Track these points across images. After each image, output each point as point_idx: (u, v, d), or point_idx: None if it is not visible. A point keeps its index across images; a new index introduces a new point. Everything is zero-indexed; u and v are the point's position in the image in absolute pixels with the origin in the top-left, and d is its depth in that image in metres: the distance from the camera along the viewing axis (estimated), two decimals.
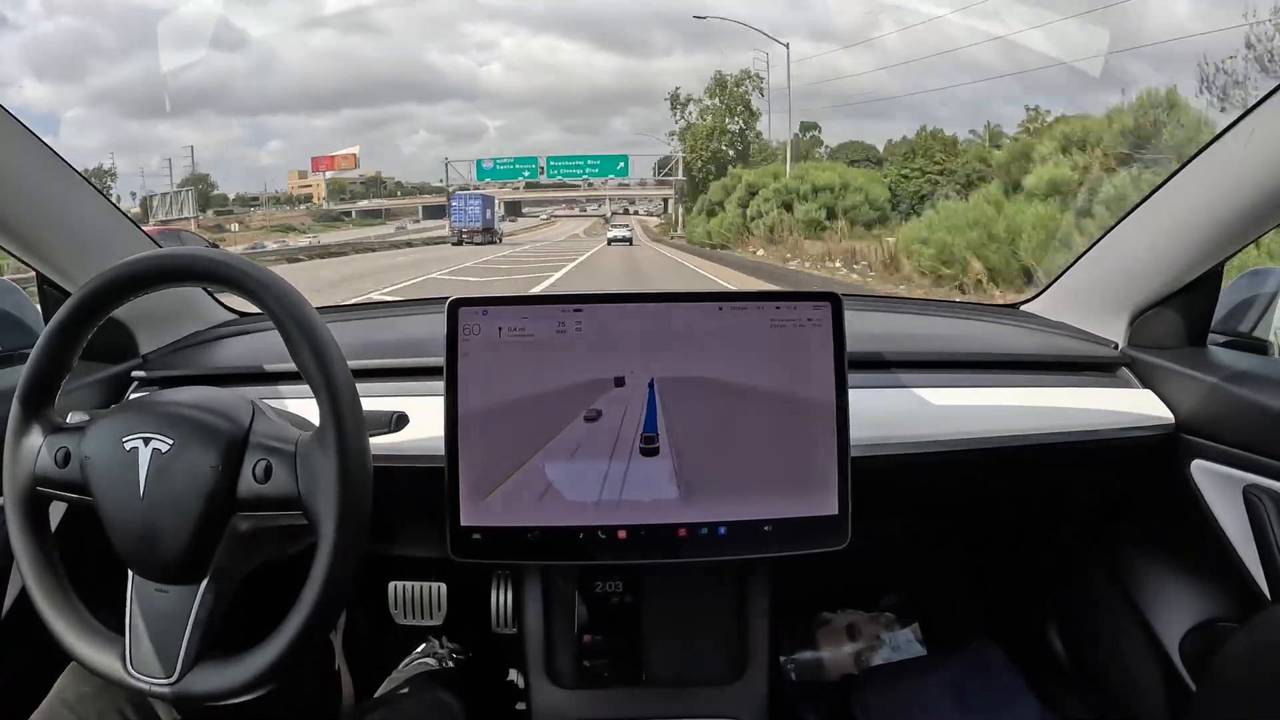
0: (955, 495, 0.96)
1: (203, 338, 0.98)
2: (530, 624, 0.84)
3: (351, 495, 0.55)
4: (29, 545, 0.59)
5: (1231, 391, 0.76)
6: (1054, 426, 0.82)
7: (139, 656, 0.56)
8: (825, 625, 1.20)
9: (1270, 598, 0.72)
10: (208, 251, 0.59)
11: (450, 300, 0.69)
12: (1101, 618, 0.97)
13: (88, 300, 0.59)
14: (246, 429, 0.58)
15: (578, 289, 0.82)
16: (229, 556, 0.58)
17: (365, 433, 0.58)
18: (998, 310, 1.12)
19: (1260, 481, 0.72)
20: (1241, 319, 0.92)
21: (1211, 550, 0.78)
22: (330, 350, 0.57)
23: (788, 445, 0.70)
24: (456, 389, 0.68)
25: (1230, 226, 0.76)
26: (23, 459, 0.59)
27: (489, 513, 0.69)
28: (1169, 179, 0.82)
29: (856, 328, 0.73)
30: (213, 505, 0.56)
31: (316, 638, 0.56)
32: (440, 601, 1.11)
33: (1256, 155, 0.71)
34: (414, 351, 0.84)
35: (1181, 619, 0.85)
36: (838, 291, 0.72)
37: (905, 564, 1.25)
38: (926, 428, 0.81)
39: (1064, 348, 0.94)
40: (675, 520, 0.69)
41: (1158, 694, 0.86)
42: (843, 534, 0.70)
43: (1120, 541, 0.96)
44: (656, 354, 0.69)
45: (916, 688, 1.00)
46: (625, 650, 0.82)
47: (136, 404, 0.61)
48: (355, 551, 0.56)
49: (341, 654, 1.11)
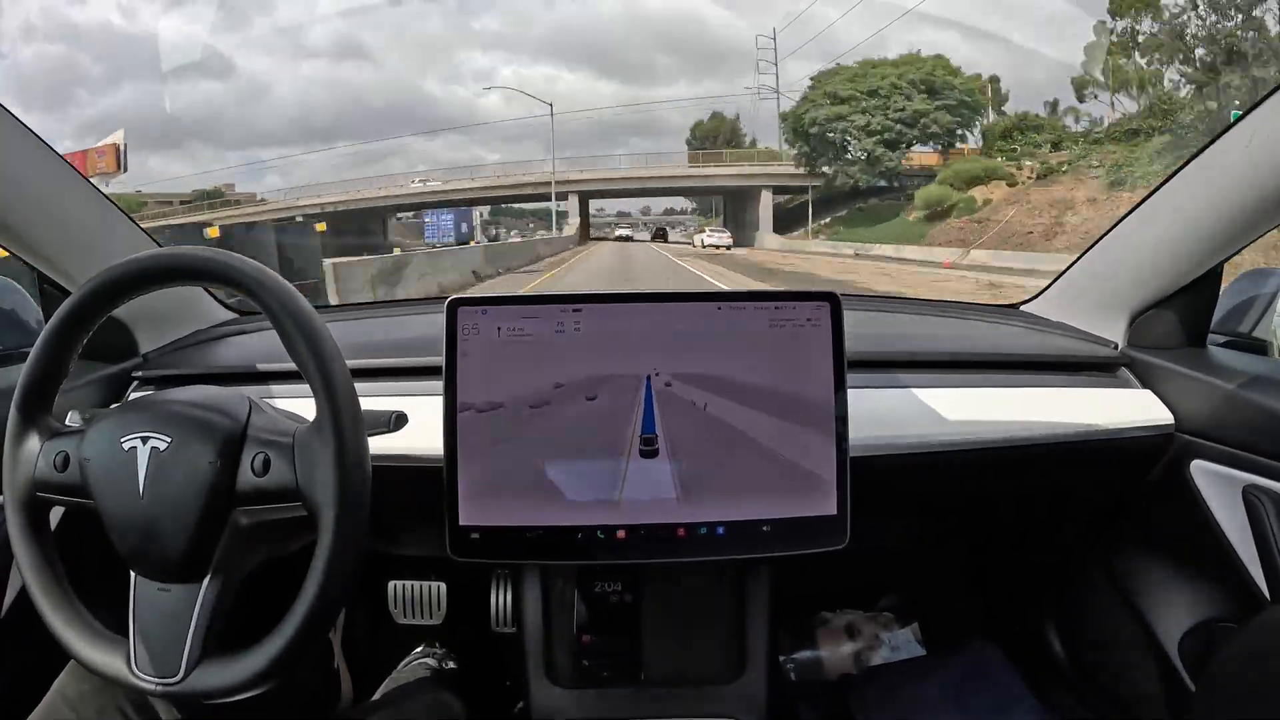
0: (954, 495, 0.96)
1: (202, 337, 0.98)
2: (530, 624, 0.84)
3: (350, 484, 0.55)
4: (30, 550, 0.59)
5: (1231, 392, 0.76)
6: (1053, 427, 0.82)
7: (142, 656, 0.57)
8: (825, 625, 1.20)
9: (1270, 598, 0.72)
10: (207, 250, 0.59)
11: (449, 300, 0.69)
12: (1101, 618, 0.97)
13: (88, 300, 0.59)
14: (244, 424, 0.59)
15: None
16: (230, 553, 0.58)
17: (363, 426, 0.58)
18: (997, 310, 1.12)
19: (1260, 482, 0.72)
20: (1241, 319, 0.92)
21: (1211, 550, 0.78)
22: (328, 347, 0.57)
23: (787, 445, 0.70)
24: (455, 389, 0.68)
25: (1230, 226, 0.76)
26: (22, 464, 0.59)
27: (488, 512, 0.69)
28: (1169, 179, 0.82)
29: (856, 328, 0.73)
30: (212, 501, 0.56)
31: (319, 631, 0.56)
32: (440, 601, 1.11)
33: (1256, 155, 0.71)
34: (413, 351, 0.84)
35: (1181, 619, 0.85)
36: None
37: (905, 564, 1.25)
38: (926, 428, 0.81)
39: (1064, 348, 0.94)
40: (674, 520, 0.69)
41: (1157, 694, 0.86)
42: (842, 534, 0.70)
43: (1120, 541, 0.96)
44: (655, 354, 0.69)
45: (916, 688, 1.00)
46: (624, 650, 0.82)
47: (134, 404, 0.61)
48: (356, 542, 0.56)
49: (341, 654, 1.11)
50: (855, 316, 0.77)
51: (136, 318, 0.89)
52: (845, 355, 0.70)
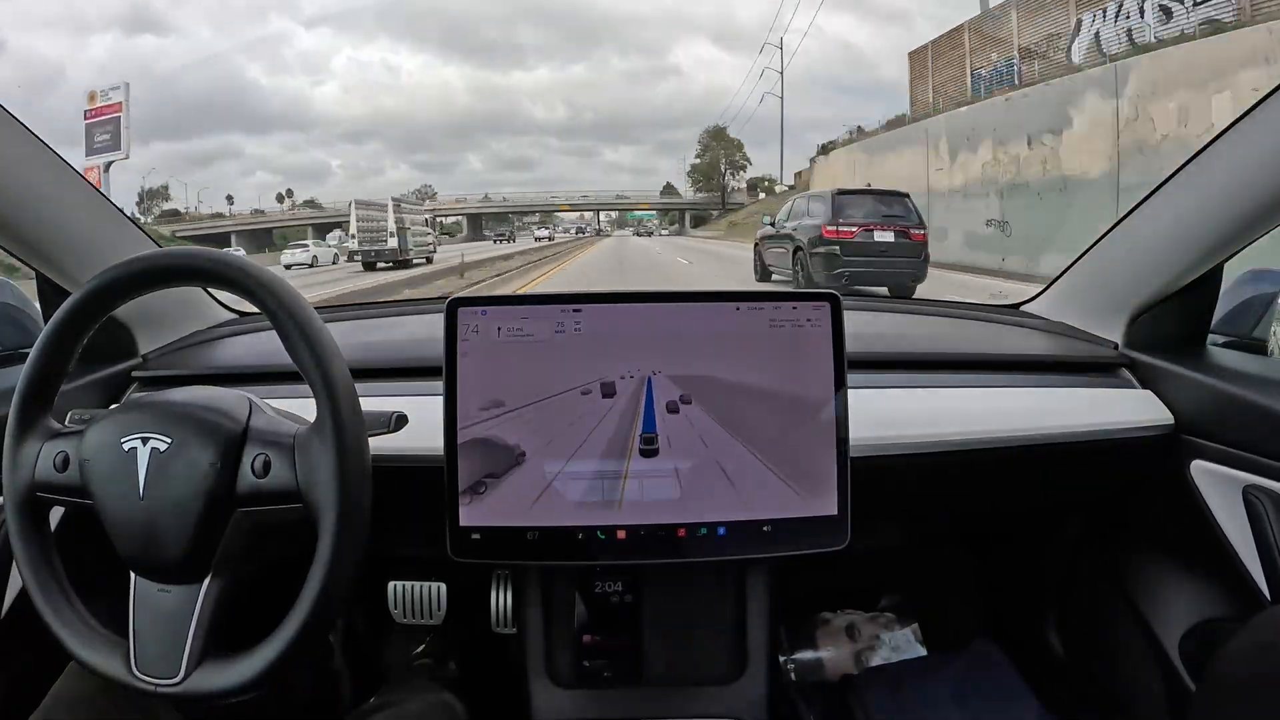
0: (955, 495, 0.96)
1: (202, 337, 0.98)
2: (530, 624, 0.84)
3: (350, 485, 0.55)
4: (30, 551, 0.59)
5: (1231, 392, 0.76)
6: (1053, 427, 0.82)
7: (143, 657, 0.56)
8: (825, 625, 1.19)
9: (1270, 598, 0.72)
10: (206, 251, 0.59)
11: (449, 299, 0.69)
12: (1101, 618, 0.97)
13: (87, 300, 0.59)
14: (244, 425, 0.58)
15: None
16: (231, 554, 0.58)
17: (363, 426, 0.58)
18: (997, 310, 1.12)
19: (1260, 482, 0.72)
20: (1241, 319, 0.92)
21: (1211, 550, 0.78)
22: (328, 347, 0.57)
23: (787, 445, 0.70)
24: (455, 389, 0.68)
25: (1230, 227, 0.76)
26: (21, 465, 0.59)
27: (488, 513, 0.69)
28: (1169, 179, 0.82)
29: (856, 328, 0.73)
30: (213, 502, 0.56)
31: (320, 632, 0.56)
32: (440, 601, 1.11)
33: (1256, 155, 0.71)
34: (413, 351, 0.84)
35: (1181, 619, 0.85)
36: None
37: (905, 564, 1.25)
38: (926, 428, 0.81)
39: (1063, 348, 0.94)
40: (674, 520, 0.69)
41: (1157, 694, 0.86)
42: (842, 534, 0.70)
43: (1120, 541, 0.96)
44: (655, 354, 0.69)
45: (916, 688, 1.00)
46: (625, 650, 0.82)
47: (134, 404, 0.61)
48: (356, 542, 0.56)
49: (341, 654, 1.11)
50: (855, 317, 0.77)
51: (136, 318, 0.89)
52: (845, 355, 0.70)
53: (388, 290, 10.74)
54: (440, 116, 33.60)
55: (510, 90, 30.48)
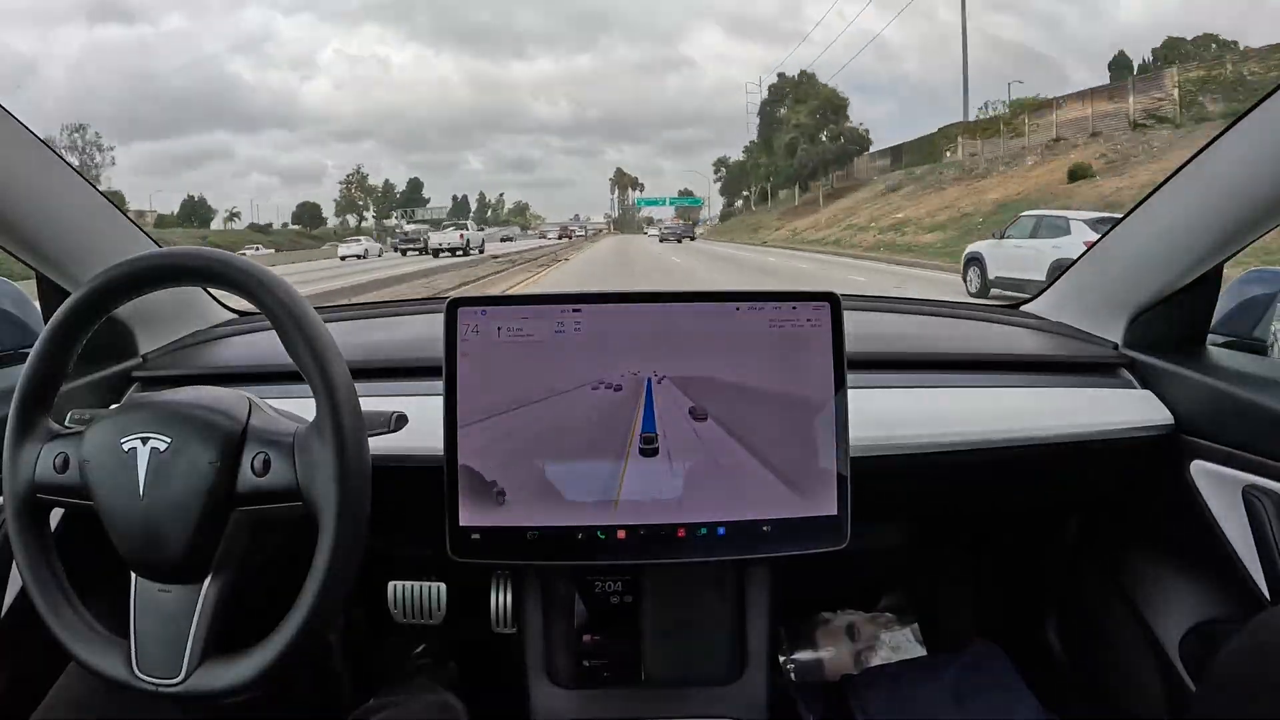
0: (954, 495, 0.96)
1: (202, 337, 0.98)
2: (530, 624, 0.84)
3: (350, 485, 0.55)
4: (30, 552, 0.59)
5: (1231, 392, 0.76)
6: (1053, 427, 0.82)
7: (144, 658, 0.56)
8: (825, 625, 1.19)
9: (1270, 598, 0.72)
10: (206, 251, 0.59)
11: (449, 300, 0.69)
12: (1101, 618, 0.97)
13: (87, 300, 0.59)
14: (244, 424, 0.58)
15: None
16: (231, 553, 0.58)
17: (363, 425, 0.58)
18: (997, 310, 1.12)
19: (1260, 482, 0.72)
20: (1241, 320, 0.92)
21: (1211, 551, 0.78)
22: (327, 347, 0.57)
23: (787, 445, 0.70)
24: (455, 389, 0.68)
25: (1230, 227, 0.76)
26: (21, 466, 0.59)
27: (488, 513, 0.69)
28: (1169, 179, 0.82)
29: (856, 328, 0.73)
30: (213, 501, 0.56)
31: (321, 631, 0.56)
32: (440, 601, 1.11)
33: (1256, 156, 0.71)
34: (413, 351, 0.84)
35: (1181, 619, 0.85)
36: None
37: (905, 564, 1.25)
38: (926, 428, 0.81)
39: (1063, 348, 0.94)
40: (674, 520, 0.69)
41: (1157, 694, 0.86)
42: (842, 534, 0.70)
43: (1120, 541, 0.96)
44: (655, 354, 0.69)
45: (916, 688, 1.00)
46: (625, 650, 0.82)
47: (134, 404, 0.61)
48: (356, 542, 0.56)
49: (341, 654, 1.11)
50: (855, 317, 0.77)
51: (136, 318, 0.89)
52: (845, 355, 0.70)
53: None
54: (437, 113, 32.94)
55: (510, 85, 29.84)
